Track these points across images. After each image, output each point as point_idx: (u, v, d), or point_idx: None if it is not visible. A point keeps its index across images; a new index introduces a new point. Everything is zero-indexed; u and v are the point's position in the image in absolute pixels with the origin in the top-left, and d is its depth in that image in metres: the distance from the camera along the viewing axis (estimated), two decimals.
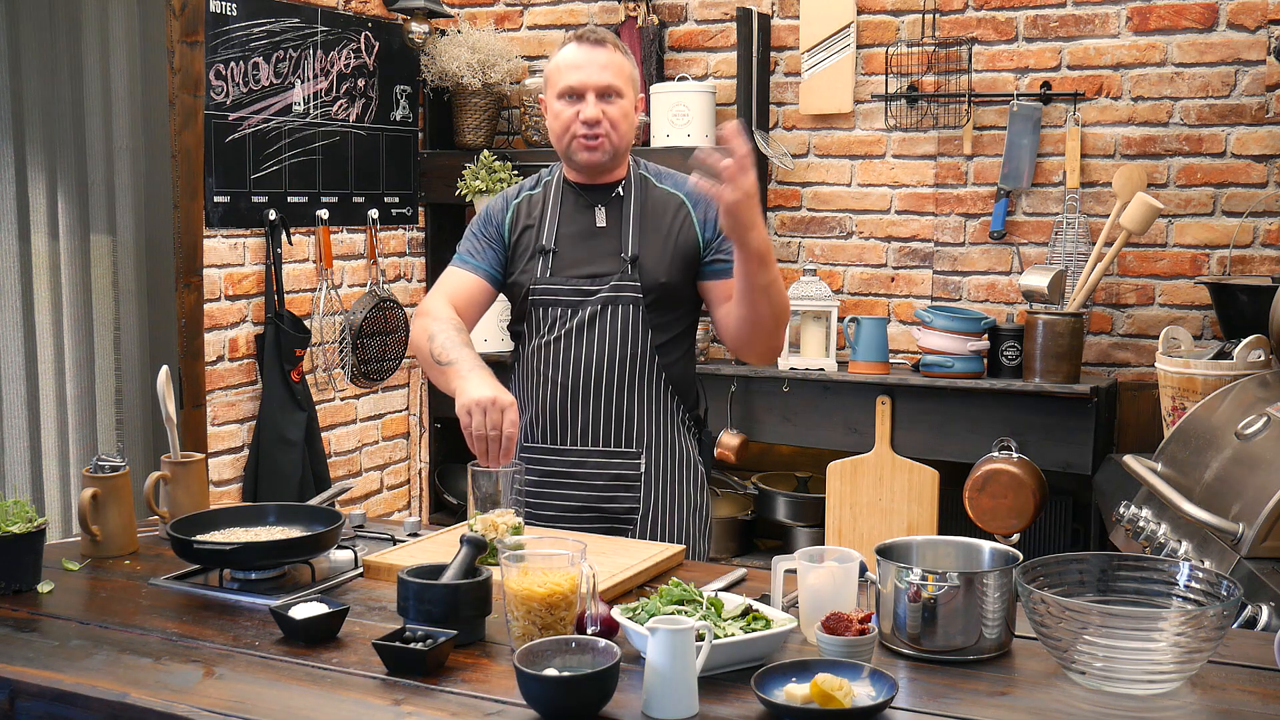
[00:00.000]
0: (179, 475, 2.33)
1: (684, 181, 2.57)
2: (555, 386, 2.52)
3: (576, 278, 2.52)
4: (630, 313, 2.49)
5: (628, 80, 2.51)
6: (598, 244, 2.53)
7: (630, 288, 2.49)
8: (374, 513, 4.46)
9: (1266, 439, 2.53)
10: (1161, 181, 3.88)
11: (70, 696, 1.65)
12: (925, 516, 3.94)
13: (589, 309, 2.50)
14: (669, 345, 2.54)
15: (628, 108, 2.50)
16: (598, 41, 2.49)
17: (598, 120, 2.46)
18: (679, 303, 2.55)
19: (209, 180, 3.75)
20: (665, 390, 2.54)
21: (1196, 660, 1.61)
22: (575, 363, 2.51)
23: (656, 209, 2.55)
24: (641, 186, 2.57)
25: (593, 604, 1.76)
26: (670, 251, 2.51)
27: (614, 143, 2.49)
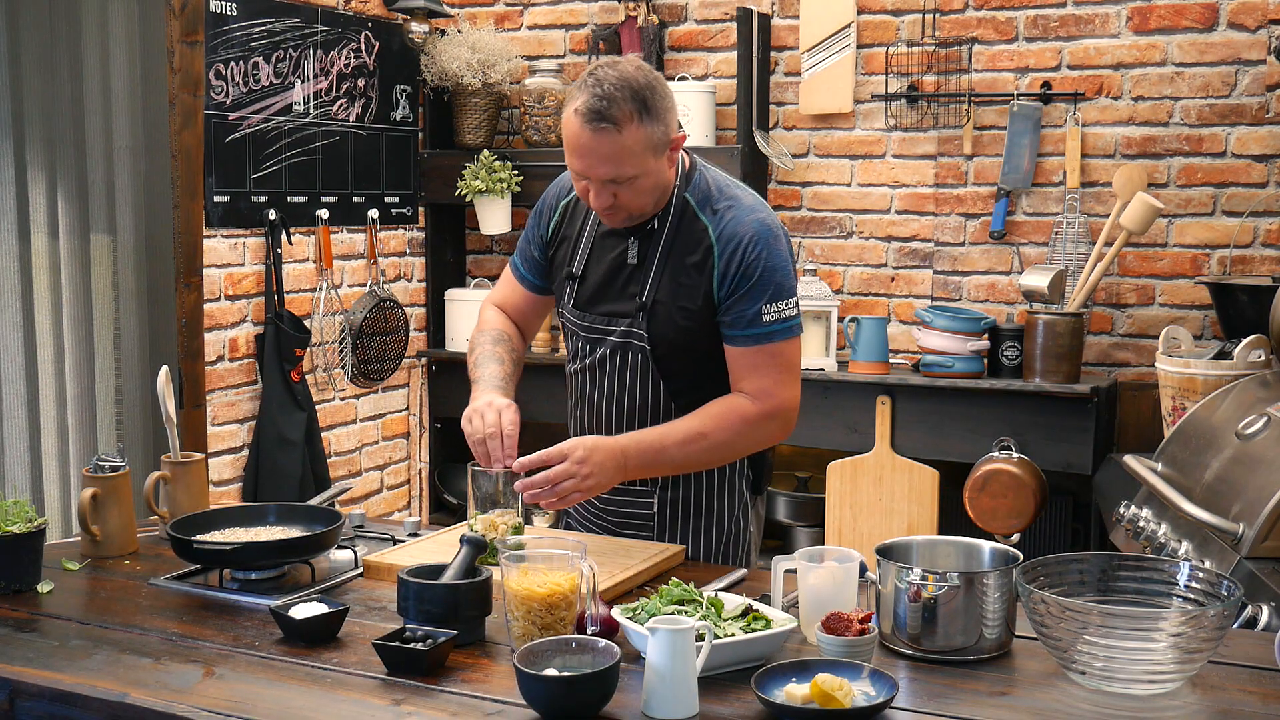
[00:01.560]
0: (179, 475, 2.33)
1: (728, 217, 2.22)
2: (577, 419, 2.42)
3: (596, 314, 2.32)
4: (640, 362, 2.29)
5: (641, 155, 2.11)
6: (623, 279, 2.29)
7: (639, 337, 2.27)
8: (374, 513, 4.46)
9: (1266, 439, 2.52)
10: (1161, 181, 3.88)
11: (70, 696, 1.65)
12: (925, 516, 3.94)
13: (603, 350, 2.32)
14: (690, 389, 2.28)
15: (645, 183, 2.16)
16: (601, 127, 2.08)
17: (609, 207, 2.18)
18: (695, 350, 2.27)
19: (209, 180, 3.75)
20: None
21: (1196, 660, 1.61)
22: (592, 400, 2.37)
23: (686, 249, 2.24)
24: (680, 219, 2.25)
25: (593, 604, 1.76)
26: (684, 302, 2.24)
27: (634, 213, 2.21)
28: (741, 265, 2.19)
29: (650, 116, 2.11)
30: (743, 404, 2.23)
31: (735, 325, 2.21)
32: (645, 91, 2.10)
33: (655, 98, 2.11)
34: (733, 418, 2.22)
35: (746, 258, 2.19)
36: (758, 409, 2.22)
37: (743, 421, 2.22)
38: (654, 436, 2.22)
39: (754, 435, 2.26)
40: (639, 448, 2.19)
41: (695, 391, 2.27)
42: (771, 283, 2.20)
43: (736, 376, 2.25)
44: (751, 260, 2.19)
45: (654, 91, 2.12)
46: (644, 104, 2.09)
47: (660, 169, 2.17)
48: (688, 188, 2.27)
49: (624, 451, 2.17)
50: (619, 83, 2.09)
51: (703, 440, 2.21)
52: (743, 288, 2.19)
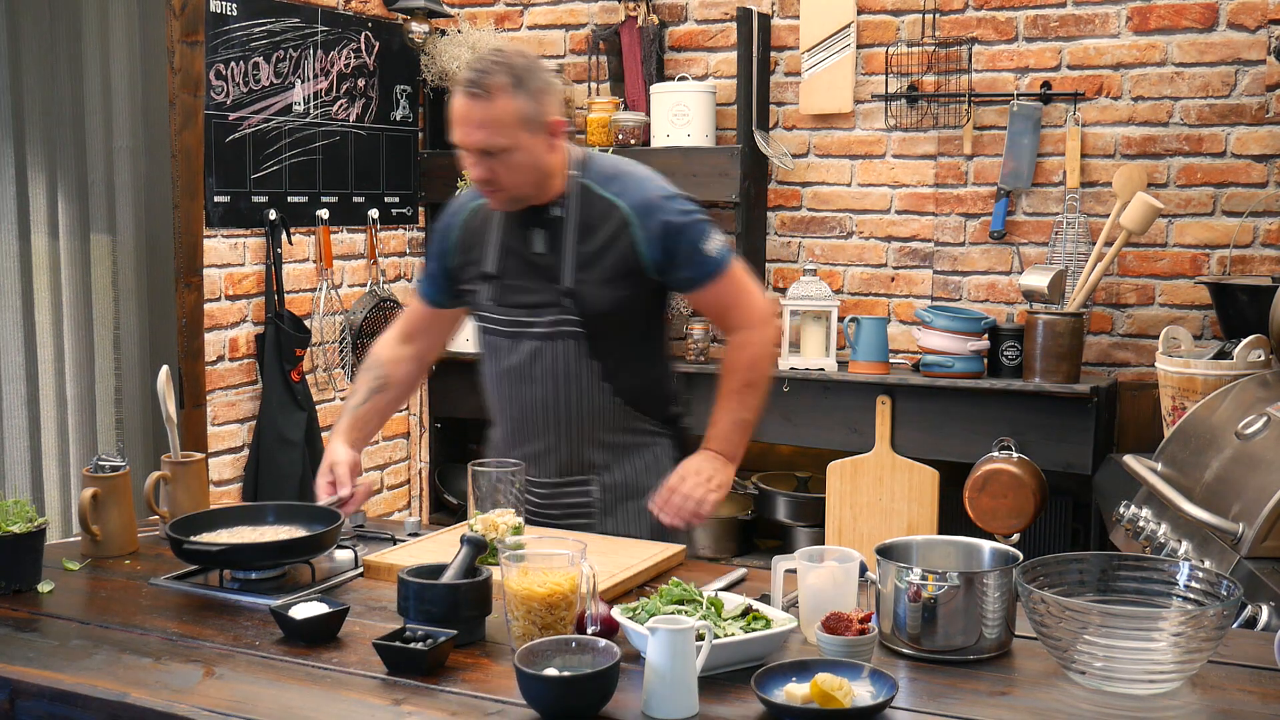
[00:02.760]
0: (179, 475, 2.33)
1: (633, 188, 2.36)
2: (506, 419, 2.47)
3: (517, 308, 2.39)
4: (572, 348, 2.36)
5: (515, 128, 2.23)
6: (537, 271, 2.38)
7: (569, 322, 2.35)
8: (374, 513, 4.46)
9: (1266, 439, 2.52)
10: (1161, 181, 3.88)
11: (70, 696, 1.65)
12: (925, 516, 3.94)
13: (531, 344, 2.38)
14: (621, 366, 2.40)
15: (521, 158, 2.25)
16: (474, 93, 2.21)
17: (485, 179, 2.28)
18: (627, 322, 2.40)
19: (209, 180, 3.75)
20: (621, 412, 2.42)
21: (1196, 660, 1.61)
22: (523, 400, 2.42)
23: (597, 225, 2.34)
24: (581, 200, 2.36)
25: (593, 604, 1.76)
26: (610, 276, 2.34)
27: (512, 193, 2.31)
28: (668, 225, 2.33)
29: (523, 91, 2.24)
30: (747, 336, 2.42)
31: (697, 273, 2.36)
32: (521, 70, 2.25)
33: (530, 77, 2.25)
34: (740, 353, 2.42)
35: (670, 217, 2.33)
36: (760, 330, 2.43)
37: (761, 345, 2.44)
38: (713, 423, 2.43)
39: (772, 349, 2.48)
40: (710, 438, 2.42)
41: (624, 371, 2.41)
42: (698, 225, 2.36)
43: (721, 315, 2.45)
44: (675, 218, 2.34)
45: (530, 72, 2.26)
46: (518, 79, 2.23)
47: (535, 148, 2.27)
48: (584, 174, 2.38)
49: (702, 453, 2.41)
50: (497, 59, 2.26)
51: (746, 389, 2.42)
52: (681, 241, 2.33)
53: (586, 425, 2.41)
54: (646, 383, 2.47)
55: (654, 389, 2.50)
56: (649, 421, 2.48)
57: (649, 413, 2.48)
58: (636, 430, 2.46)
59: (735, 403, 2.42)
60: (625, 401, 2.42)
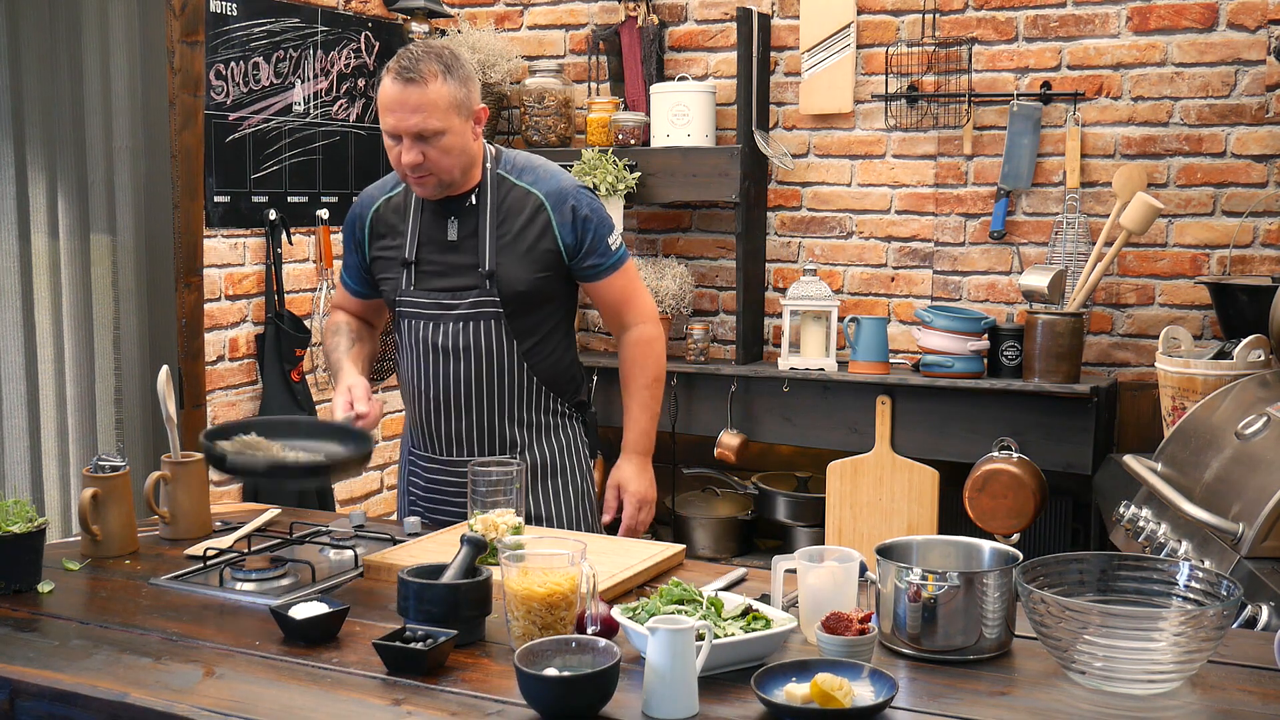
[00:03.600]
0: (179, 475, 2.34)
1: (546, 178, 2.54)
2: (428, 400, 2.58)
3: (437, 290, 2.53)
4: (492, 327, 2.51)
5: (448, 111, 2.38)
6: (455, 256, 2.52)
7: (490, 303, 2.50)
8: (374, 513, 4.46)
9: (1266, 439, 2.53)
10: (1161, 181, 3.88)
11: (70, 696, 1.65)
12: (925, 516, 3.94)
13: (451, 324, 2.52)
14: (538, 347, 2.57)
15: (452, 141, 2.40)
16: (409, 79, 2.35)
17: (417, 164, 2.40)
18: (543, 304, 2.56)
19: (209, 180, 3.75)
20: (538, 391, 2.58)
21: (1196, 660, 1.61)
22: (443, 379, 2.54)
23: (513, 211, 2.52)
24: (498, 189, 2.53)
25: (593, 604, 1.76)
26: (528, 257, 2.50)
27: (442, 178, 2.44)
28: (581, 213, 2.52)
29: (453, 77, 2.40)
30: (643, 332, 2.65)
31: (600, 262, 2.56)
32: (448, 58, 2.41)
33: (457, 64, 2.42)
34: (648, 348, 2.66)
35: (581, 208, 2.53)
36: (655, 326, 2.67)
37: (661, 341, 2.69)
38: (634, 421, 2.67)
39: (663, 345, 2.70)
40: (636, 439, 2.68)
41: (541, 352, 2.57)
42: (605, 218, 2.57)
43: (615, 308, 2.64)
44: (587, 207, 2.54)
45: (456, 60, 2.43)
46: (447, 66, 2.40)
47: (465, 133, 2.43)
48: (499, 165, 2.55)
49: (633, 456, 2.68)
50: (424, 49, 2.41)
51: (655, 383, 2.67)
52: (590, 229, 2.53)
53: (507, 402, 2.55)
54: (560, 366, 2.63)
55: (566, 373, 2.65)
56: (561, 404, 2.64)
57: (562, 395, 2.64)
58: (552, 411, 2.62)
59: (648, 397, 2.67)
60: (541, 381, 2.58)
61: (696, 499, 4.48)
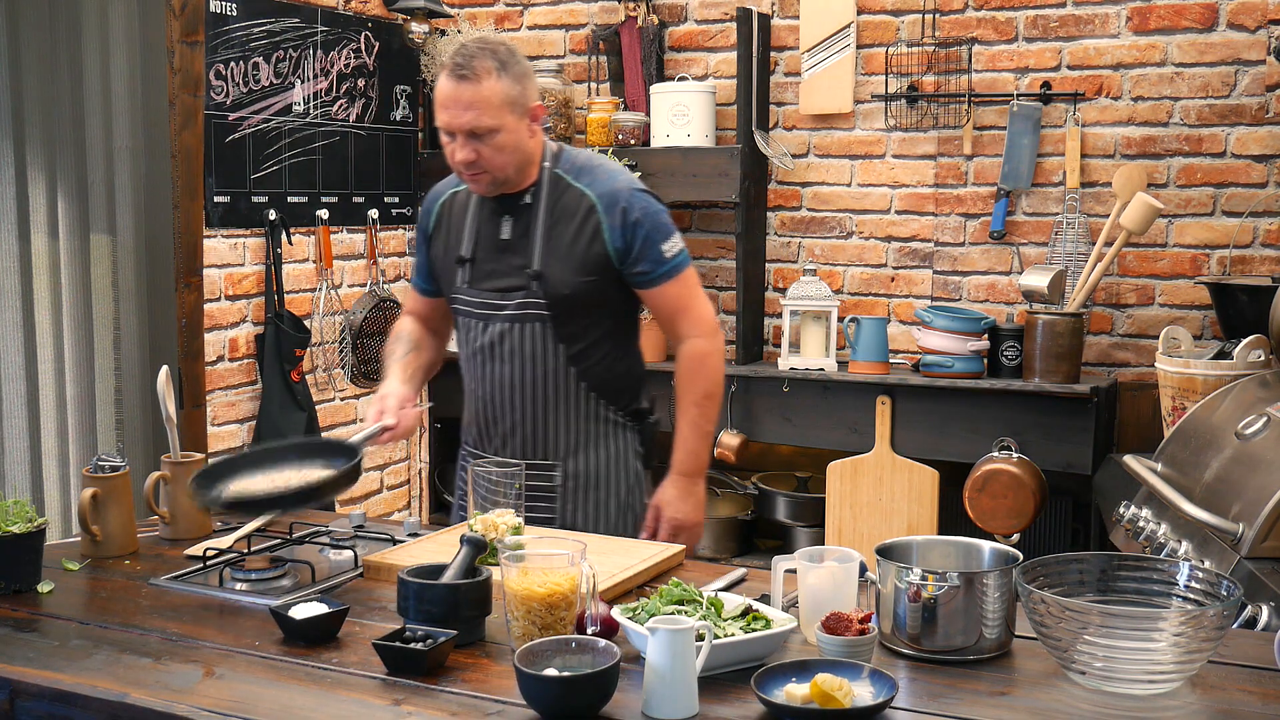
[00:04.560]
0: (179, 475, 2.33)
1: (603, 179, 2.47)
2: (476, 399, 2.57)
3: (488, 290, 2.49)
4: (538, 330, 2.46)
5: (501, 109, 2.34)
6: (506, 256, 2.48)
7: (536, 305, 2.45)
8: (374, 513, 4.46)
9: (1266, 439, 2.52)
10: (1161, 181, 3.88)
11: (70, 696, 1.65)
12: (925, 516, 3.94)
13: (499, 325, 2.48)
14: (586, 352, 2.49)
15: (505, 139, 2.36)
16: (463, 75, 2.32)
17: (470, 161, 2.37)
18: (591, 309, 2.48)
19: (209, 180, 3.75)
20: (586, 397, 2.50)
21: (1196, 660, 1.61)
22: (490, 379, 2.52)
23: (566, 213, 2.46)
24: (554, 189, 2.47)
25: (593, 604, 1.76)
26: (577, 261, 2.44)
27: (495, 176, 2.40)
28: (631, 216, 2.43)
29: (507, 74, 2.35)
30: (696, 346, 2.53)
31: (652, 268, 2.46)
32: (504, 55, 2.36)
33: (513, 61, 2.37)
34: (701, 363, 2.53)
35: (633, 209, 2.44)
36: (712, 340, 2.54)
37: (717, 356, 2.55)
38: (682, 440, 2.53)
39: (720, 359, 2.56)
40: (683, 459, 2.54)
41: (590, 358, 2.49)
42: (661, 224, 2.47)
43: (669, 317, 2.53)
44: (640, 211, 2.44)
45: (512, 57, 2.38)
46: (502, 63, 2.35)
47: (519, 130, 2.38)
48: (557, 164, 2.49)
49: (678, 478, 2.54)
50: (480, 45, 2.36)
51: (707, 400, 2.53)
52: (640, 235, 2.43)
53: (550, 407, 2.50)
54: (613, 373, 2.54)
55: (621, 380, 2.56)
56: (614, 412, 2.55)
57: (614, 402, 2.55)
58: (601, 419, 2.53)
59: (698, 415, 2.53)
60: (590, 387, 2.51)
61: None
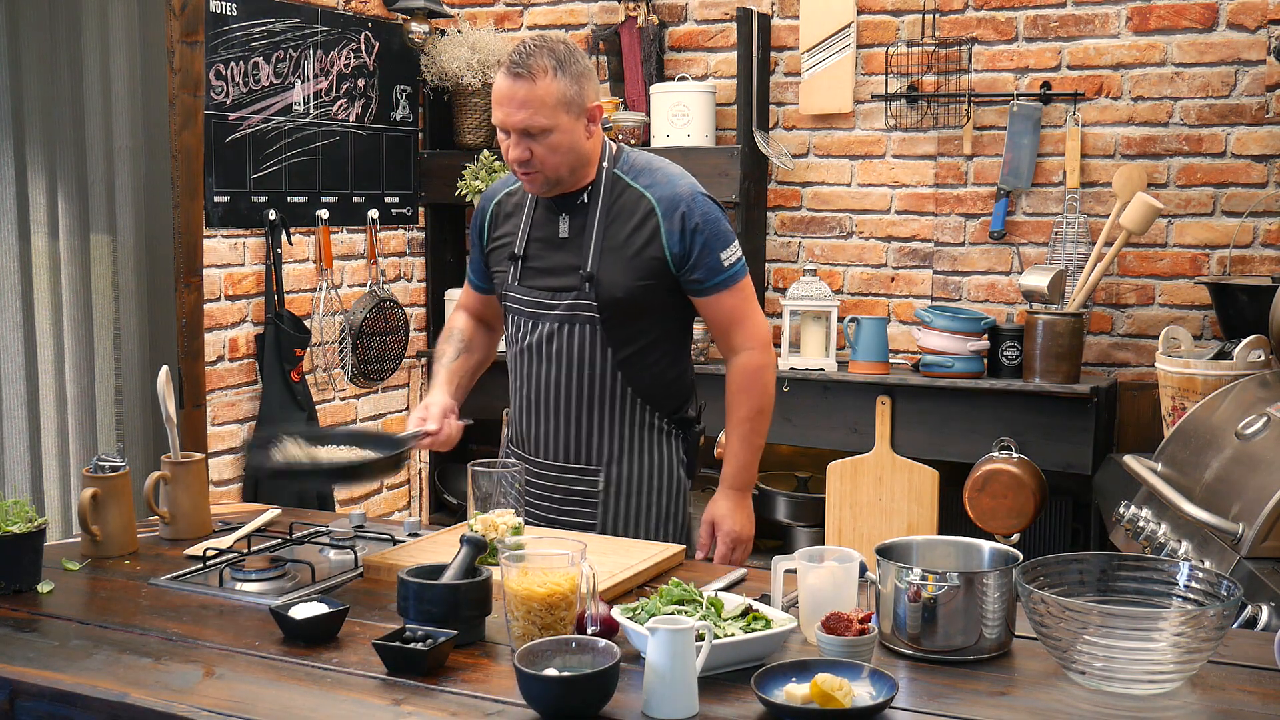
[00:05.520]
0: (179, 475, 2.34)
1: (663, 182, 2.42)
2: (521, 399, 2.54)
3: (539, 289, 2.46)
4: (588, 332, 2.42)
5: (556, 109, 2.30)
6: (561, 255, 2.45)
7: (586, 306, 2.41)
8: (374, 513, 4.46)
9: (1266, 439, 2.52)
10: (1161, 181, 3.88)
11: (70, 696, 1.65)
12: (925, 516, 3.94)
13: (548, 324, 2.44)
14: (638, 356, 2.45)
15: (560, 139, 2.32)
16: (518, 74, 2.29)
17: (524, 159, 2.34)
18: (643, 314, 2.44)
19: (209, 180, 3.75)
20: (633, 402, 2.46)
21: (1196, 660, 1.61)
22: (537, 379, 2.48)
23: (624, 214, 2.41)
24: (612, 189, 2.43)
25: (593, 604, 1.76)
26: (632, 264, 2.39)
27: (549, 175, 2.36)
28: (691, 221, 2.38)
29: (564, 73, 2.30)
30: (750, 359, 2.48)
31: (708, 277, 2.41)
32: (562, 53, 2.32)
33: (571, 61, 2.32)
34: (755, 377, 2.49)
35: (693, 215, 2.39)
36: (765, 354, 2.49)
37: (770, 370, 2.51)
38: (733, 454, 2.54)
39: (773, 373, 2.53)
40: (735, 474, 2.55)
41: (638, 364, 2.45)
42: (721, 231, 2.42)
43: (723, 327, 2.48)
44: (700, 216, 2.39)
45: (571, 56, 2.33)
46: (560, 62, 2.30)
47: (575, 130, 2.34)
48: (616, 165, 2.45)
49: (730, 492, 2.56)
50: (539, 43, 2.33)
51: (759, 415, 2.51)
52: (699, 241, 2.38)
53: (596, 411, 2.46)
54: (662, 380, 2.50)
55: (670, 388, 2.53)
56: (660, 419, 2.51)
57: (661, 409, 2.51)
58: (647, 425, 2.49)
59: (749, 430, 2.51)
60: (636, 393, 2.46)
61: (696, 499, 4.47)
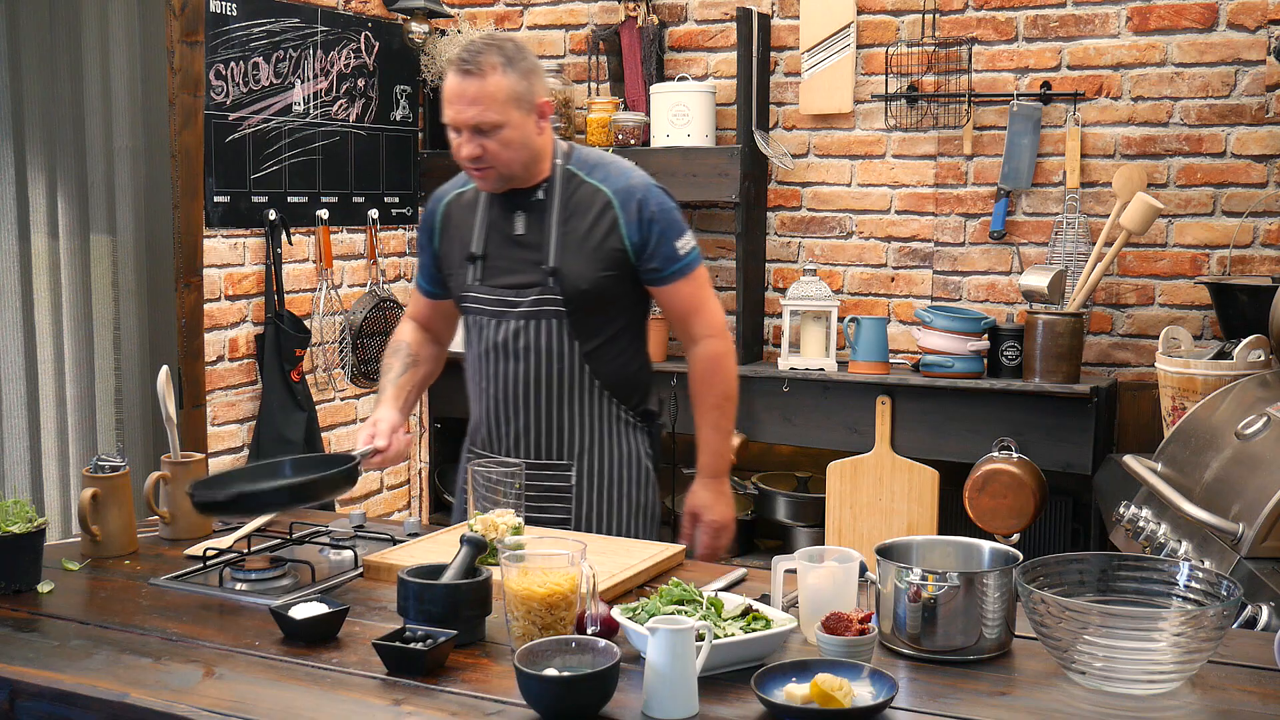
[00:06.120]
0: (179, 475, 2.34)
1: (616, 175, 2.48)
2: (488, 398, 2.55)
3: (501, 287, 2.48)
4: (554, 327, 2.45)
5: (507, 105, 2.34)
6: (520, 252, 2.47)
7: (552, 301, 2.44)
8: (374, 513, 4.46)
9: (1266, 439, 2.52)
10: (1161, 181, 3.88)
11: (70, 696, 1.65)
12: (925, 516, 3.94)
13: (514, 322, 2.47)
14: (601, 350, 2.49)
15: (511, 135, 2.36)
16: (468, 71, 2.32)
17: (476, 156, 2.37)
18: (607, 306, 2.48)
19: (209, 180, 3.75)
20: (600, 395, 2.50)
21: (1196, 660, 1.61)
22: (504, 377, 2.50)
23: (581, 209, 2.46)
24: (567, 184, 2.47)
25: (593, 604, 1.76)
26: (593, 256, 2.44)
27: (502, 172, 2.40)
28: (647, 211, 2.45)
29: (513, 69, 2.34)
30: (712, 347, 2.54)
31: (665, 265, 2.48)
32: (510, 50, 2.36)
33: (520, 57, 2.37)
34: (718, 365, 2.55)
35: (649, 205, 2.45)
36: (724, 341, 2.56)
37: (731, 357, 2.58)
38: (706, 442, 2.57)
39: (734, 359, 2.59)
40: (710, 462, 2.59)
41: (604, 356, 2.50)
42: (675, 220, 2.49)
43: (682, 316, 2.54)
44: (655, 207, 2.46)
45: (519, 53, 2.37)
46: (508, 58, 2.34)
47: (526, 125, 2.37)
48: (569, 161, 2.49)
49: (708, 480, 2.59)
50: (487, 41, 2.37)
51: (726, 401, 2.56)
52: (656, 231, 2.45)
53: (567, 405, 2.49)
54: (625, 372, 2.55)
55: (633, 379, 2.58)
56: (626, 411, 2.56)
57: (626, 402, 2.56)
58: (614, 418, 2.54)
59: (719, 416, 2.57)
60: (603, 386, 2.51)
61: None
